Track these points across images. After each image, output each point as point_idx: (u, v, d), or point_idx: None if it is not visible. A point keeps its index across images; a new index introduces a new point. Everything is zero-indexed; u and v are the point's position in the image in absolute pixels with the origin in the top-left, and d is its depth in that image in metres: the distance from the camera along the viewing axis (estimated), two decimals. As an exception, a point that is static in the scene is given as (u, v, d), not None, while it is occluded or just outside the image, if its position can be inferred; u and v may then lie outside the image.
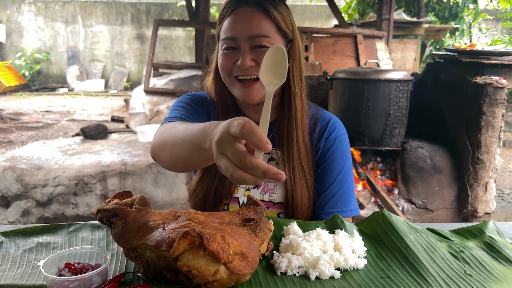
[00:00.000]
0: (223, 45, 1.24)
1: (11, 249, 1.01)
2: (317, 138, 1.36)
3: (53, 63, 13.13)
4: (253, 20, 1.20)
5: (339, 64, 4.95)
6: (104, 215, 0.91)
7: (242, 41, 1.20)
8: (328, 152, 1.35)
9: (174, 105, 1.37)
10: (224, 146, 0.75)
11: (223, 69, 1.25)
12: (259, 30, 1.20)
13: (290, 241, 0.98)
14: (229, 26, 1.22)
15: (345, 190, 1.34)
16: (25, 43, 12.93)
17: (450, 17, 8.68)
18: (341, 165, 1.35)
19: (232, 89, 1.28)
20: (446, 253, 1.00)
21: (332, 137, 1.36)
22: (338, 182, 1.33)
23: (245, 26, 1.20)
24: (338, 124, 1.40)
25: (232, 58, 1.23)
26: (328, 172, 1.34)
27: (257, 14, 1.21)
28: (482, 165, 3.49)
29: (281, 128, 1.32)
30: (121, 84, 12.82)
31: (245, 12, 1.22)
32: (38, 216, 3.74)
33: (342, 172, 1.34)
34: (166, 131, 1.11)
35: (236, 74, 1.23)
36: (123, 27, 13.12)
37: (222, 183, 1.31)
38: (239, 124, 0.72)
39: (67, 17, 13.04)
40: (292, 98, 1.29)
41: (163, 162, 1.14)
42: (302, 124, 1.32)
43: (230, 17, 1.23)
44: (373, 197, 3.71)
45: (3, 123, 7.74)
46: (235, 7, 1.23)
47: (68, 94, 11.63)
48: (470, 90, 3.51)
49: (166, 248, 0.78)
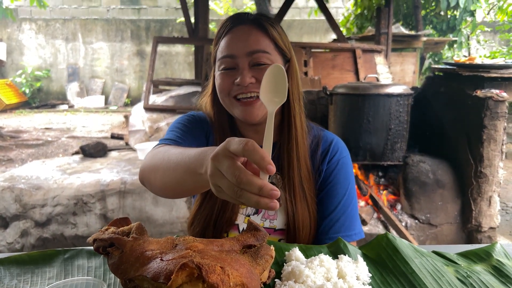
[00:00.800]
0: (220, 65, 1.22)
1: (6, 279, 0.98)
2: (319, 160, 1.33)
3: (54, 80, 13.20)
4: (251, 36, 1.19)
5: (338, 78, 4.96)
6: (100, 244, 0.88)
7: (241, 59, 1.18)
8: (331, 175, 1.32)
9: (172, 126, 1.35)
10: (220, 161, 0.72)
11: (222, 89, 1.22)
12: (258, 46, 1.19)
13: (292, 268, 0.95)
14: (227, 44, 1.21)
15: (349, 214, 1.31)
16: (26, 60, 13.02)
17: (448, 29, 8.74)
18: (344, 188, 1.32)
19: (231, 110, 1.25)
20: (453, 278, 0.97)
21: (335, 159, 1.33)
22: (342, 206, 1.30)
23: (243, 43, 1.19)
24: (340, 146, 1.37)
25: (230, 77, 1.20)
26: (331, 196, 1.31)
27: (255, 31, 1.20)
28: (485, 179, 3.46)
29: (281, 150, 1.29)
30: (121, 100, 12.86)
31: (242, 30, 1.21)
32: (36, 237, 3.70)
33: (346, 196, 1.31)
34: (159, 155, 1.08)
35: (235, 94, 1.21)
36: (123, 44, 13.21)
37: (222, 214, 1.27)
38: (240, 141, 0.70)
39: (67, 35, 13.15)
40: (292, 118, 1.27)
41: (152, 186, 1.11)
42: (303, 145, 1.29)
43: (227, 36, 1.22)
44: (375, 213, 3.67)
45: (3, 141, 7.73)
46: (232, 26, 1.22)
47: (68, 111, 11.66)
48: (471, 103, 3.50)
49: (164, 281, 0.75)
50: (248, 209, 1.31)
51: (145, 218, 3.74)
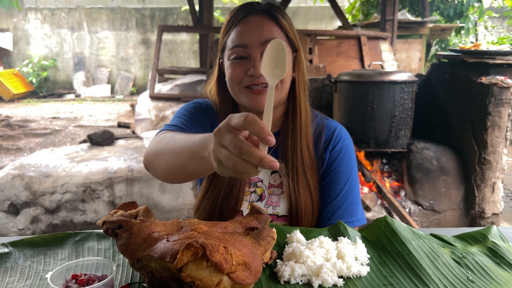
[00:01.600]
0: (232, 54, 1.23)
1: (20, 260, 1.03)
2: (322, 149, 1.35)
3: (60, 69, 13.25)
4: (264, 26, 1.21)
5: (343, 66, 4.95)
6: (109, 226, 0.92)
7: (254, 48, 1.20)
8: (334, 163, 1.34)
9: (177, 112, 1.37)
10: (222, 135, 0.74)
11: (233, 79, 1.23)
12: (271, 35, 1.20)
13: (293, 249, 0.99)
14: (239, 34, 1.22)
15: (351, 200, 1.33)
16: (32, 50, 13.07)
17: (455, 15, 8.64)
18: (347, 175, 1.34)
19: (239, 97, 1.27)
20: (449, 259, 1.01)
21: (337, 147, 1.35)
22: (344, 193, 1.33)
23: (256, 33, 1.20)
24: (343, 134, 1.39)
25: (243, 67, 1.21)
26: (334, 183, 1.33)
27: (267, 21, 1.22)
28: (489, 166, 3.47)
29: (285, 138, 1.32)
30: (127, 89, 12.90)
31: (255, 20, 1.22)
32: (47, 223, 3.78)
33: (348, 183, 1.34)
34: (163, 140, 1.10)
35: (247, 84, 1.22)
36: (128, 33, 13.21)
37: (227, 201, 1.30)
38: (242, 115, 0.72)
39: (73, 24, 13.16)
40: (298, 107, 1.29)
41: (156, 171, 1.13)
42: (307, 134, 1.32)
43: (239, 25, 1.22)
44: (379, 200, 3.70)
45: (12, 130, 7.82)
46: (244, 15, 1.22)
47: (75, 100, 11.72)
48: (476, 90, 3.49)
49: (170, 260, 0.79)
50: (252, 196, 1.35)
51: (152, 205, 3.80)
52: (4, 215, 3.80)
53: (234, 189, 1.30)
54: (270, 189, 1.35)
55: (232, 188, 1.30)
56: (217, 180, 1.31)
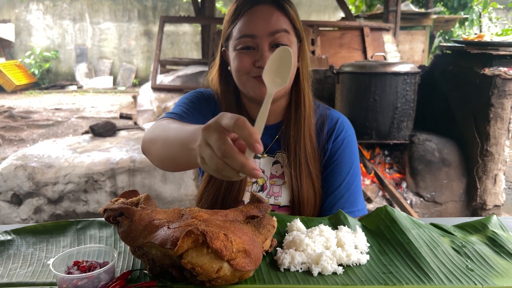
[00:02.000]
0: (238, 44, 1.21)
1: (22, 247, 1.04)
2: (325, 139, 1.35)
3: (62, 61, 13.24)
4: (273, 16, 1.19)
5: (346, 57, 4.93)
6: (111, 214, 0.93)
7: (262, 39, 1.18)
8: (336, 153, 1.34)
9: (179, 101, 1.37)
10: (210, 133, 0.72)
11: (241, 69, 1.22)
12: (280, 26, 1.19)
13: (293, 237, 0.99)
14: (247, 23, 1.20)
15: (352, 191, 1.34)
16: (34, 41, 13.05)
17: (459, 7, 8.57)
18: (349, 166, 1.34)
19: (246, 87, 1.25)
20: (449, 248, 1.01)
21: (340, 138, 1.35)
22: (346, 184, 1.33)
23: (264, 23, 1.18)
24: (346, 125, 1.39)
25: (250, 58, 1.20)
26: (336, 173, 1.34)
27: (275, 11, 1.20)
28: (491, 157, 3.47)
29: (288, 129, 1.31)
30: (129, 80, 12.89)
31: (263, 9, 1.20)
32: (49, 213, 3.80)
33: (350, 173, 1.34)
34: (160, 127, 1.10)
35: (255, 75, 1.20)
36: (130, 24, 13.16)
37: (229, 192, 1.30)
38: (233, 116, 0.70)
39: (74, 15, 13.12)
40: (302, 97, 1.29)
41: (152, 157, 1.13)
42: (310, 124, 1.31)
43: (247, 15, 1.20)
44: (381, 191, 3.71)
45: (14, 122, 7.84)
46: (251, 5, 1.21)
47: (77, 92, 11.73)
48: (479, 81, 3.48)
49: (171, 246, 0.80)
50: (254, 187, 1.35)
51: (154, 195, 3.82)
52: (7, 205, 3.82)
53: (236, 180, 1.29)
54: (271, 180, 1.35)
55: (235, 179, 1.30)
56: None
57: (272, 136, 1.36)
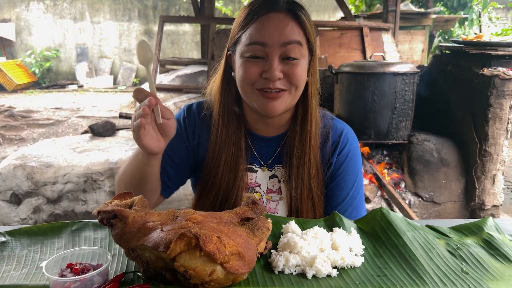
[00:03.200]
0: (247, 51, 1.14)
1: (16, 249, 1.03)
2: (329, 153, 1.31)
3: (63, 60, 13.23)
4: (288, 26, 1.13)
5: (345, 57, 4.93)
6: (104, 216, 0.93)
7: (273, 48, 1.12)
8: (341, 167, 1.31)
9: None
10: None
11: (247, 79, 1.15)
12: (293, 37, 1.12)
13: (287, 239, 0.99)
14: (258, 30, 1.12)
15: (356, 205, 1.32)
16: (35, 41, 13.04)
17: (458, 6, 8.56)
18: (353, 179, 1.31)
19: (250, 99, 1.19)
20: (444, 251, 1.01)
21: (344, 151, 1.31)
22: (349, 198, 1.31)
23: (277, 32, 1.11)
24: (350, 136, 1.34)
25: (258, 67, 1.14)
26: (340, 187, 1.31)
27: (291, 21, 1.14)
28: (490, 158, 3.46)
29: (292, 144, 1.27)
30: (129, 80, 12.88)
31: (277, 17, 1.13)
32: (49, 213, 3.80)
33: (354, 187, 1.31)
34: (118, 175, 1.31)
35: (261, 87, 1.15)
36: (131, 23, 13.16)
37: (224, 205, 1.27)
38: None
39: (75, 14, 13.11)
40: (309, 114, 1.24)
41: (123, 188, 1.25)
42: (315, 142, 1.27)
43: (259, 21, 1.13)
44: (379, 191, 3.71)
45: (15, 121, 7.84)
46: (265, 11, 1.13)
47: (78, 91, 11.72)
48: (477, 82, 3.47)
49: (164, 249, 0.80)
50: None
51: (153, 195, 3.81)
52: (6, 204, 3.82)
53: (232, 194, 1.27)
54: (268, 195, 1.32)
55: (229, 194, 1.27)
56: (213, 183, 1.28)
57: (274, 148, 1.32)
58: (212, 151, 1.29)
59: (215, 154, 1.28)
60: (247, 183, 1.30)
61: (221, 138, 1.27)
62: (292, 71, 1.14)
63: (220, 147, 1.27)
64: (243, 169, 1.28)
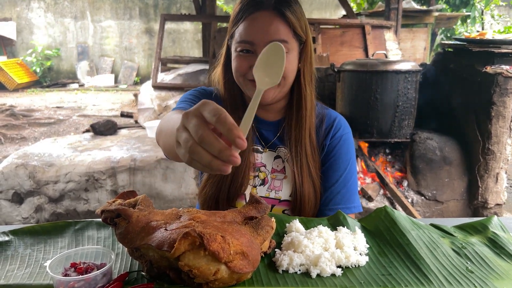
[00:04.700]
0: (238, 47, 1.23)
1: (20, 248, 1.03)
2: (322, 136, 1.39)
3: (64, 59, 13.23)
4: (272, 25, 1.19)
5: (347, 55, 4.91)
6: (108, 215, 0.92)
7: (259, 46, 1.19)
8: (334, 150, 1.38)
9: (182, 97, 1.38)
10: (189, 118, 0.70)
11: (238, 70, 1.25)
12: (278, 35, 1.19)
13: (291, 239, 0.99)
14: (246, 30, 1.21)
15: (349, 187, 1.37)
16: (36, 39, 13.03)
17: (461, 4, 8.53)
18: (345, 163, 1.38)
19: (244, 88, 1.28)
20: (449, 250, 1.00)
21: (337, 135, 1.39)
22: (342, 180, 1.36)
23: (263, 32, 1.19)
24: (343, 123, 1.42)
25: (248, 61, 1.22)
26: (333, 169, 1.37)
27: (275, 19, 1.20)
28: (493, 156, 3.45)
29: (289, 127, 1.34)
30: (130, 78, 12.88)
31: (263, 17, 1.20)
32: (50, 212, 3.81)
33: (347, 170, 1.37)
34: (165, 119, 1.11)
35: (251, 78, 1.22)
36: (132, 22, 13.14)
37: (232, 183, 1.32)
38: (215, 110, 0.67)
39: (76, 13, 13.10)
40: (303, 99, 1.30)
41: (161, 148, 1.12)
42: (310, 124, 1.34)
43: (247, 20, 1.21)
44: (382, 190, 3.70)
45: (16, 120, 7.85)
46: (252, 10, 1.21)
47: (79, 90, 11.72)
48: (480, 80, 3.46)
49: (168, 249, 0.80)
50: (255, 180, 1.37)
51: (154, 194, 3.82)
52: (8, 203, 3.83)
53: (239, 172, 1.32)
54: (273, 174, 1.38)
55: (237, 172, 1.32)
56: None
57: (274, 132, 1.39)
58: None
59: None
60: (253, 163, 1.37)
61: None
62: None
63: None
64: (250, 149, 1.35)
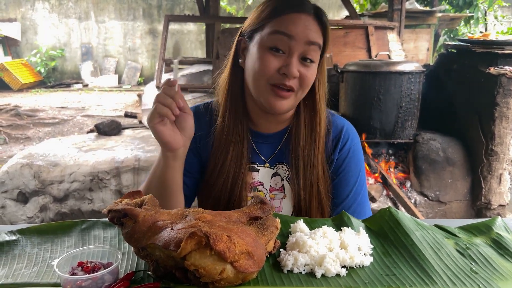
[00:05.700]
0: (269, 41, 1.13)
1: (27, 248, 1.04)
2: (330, 148, 1.31)
3: (68, 59, 13.27)
4: (313, 28, 1.15)
5: (350, 56, 4.92)
6: (115, 215, 0.93)
7: (298, 44, 1.12)
8: (343, 165, 1.31)
9: None
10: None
11: (262, 71, 1.14)
12: (317, 39, 1.15)
13: (296, 239, 0.99)
14: (288, 22, 1.13)
15: (360, 201, 1.32)
16: (40, 40, 13.08)
17: (464, 5, 8.51)
18: (355, 175, 1.32)
19: (260, 93, 1.18)
20: (453, 250, 1.01)
21: (346, 147, 1.31)
22: (353, 195, 1.31)
23: (305, 30, 1.13)
24: (351, 132, 1.34)
25: (278, 62, 1.13)
26: (343, 184, 1.31)
27: (315, 24, 1.16)
28: (496, 157, 3.45)
29: (297, 141, 1.26)
30: (134, 79, 12.91)
31: (306, 19, 1.15)
32: (55, 212, 3.83)
33: (357, 183, 1.31)
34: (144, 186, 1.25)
35: (275, 82, 1.14)
36: (135, 22, 13.18)
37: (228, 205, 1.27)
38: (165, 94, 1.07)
39: (80, 14, 13.15)
40: (318, 117, 1.25)
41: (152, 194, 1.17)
42: (323, 144, 1.28)
43: (289, 16, 1.14)
44: (385, 190, 3.70)
45: (21, 120, 7.88)
46: (296, 10, 1.15)
47: (83, 90, 11.76)
48: (484, 81, 3.46)
49: (174, 248, 0.80)
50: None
51: (158, 194, 3.82)
52: (13, 203, 3.85)
53: (235, 193, 1.26)
54: (271, 193, 1.32)
55: (233, 193, 1.26)
56: (217, 183, 1.27)
57: (273, 146, 1.31)
58: (217, 149, 1.28)
59: (220, 151, 1.27)
60: (250, 183, 1.30)
61: (227, 134, 1.26)
62: (306, 73, 1.16)
63: (226, 144, 1.26)
64: (246, 168, 1.27)
